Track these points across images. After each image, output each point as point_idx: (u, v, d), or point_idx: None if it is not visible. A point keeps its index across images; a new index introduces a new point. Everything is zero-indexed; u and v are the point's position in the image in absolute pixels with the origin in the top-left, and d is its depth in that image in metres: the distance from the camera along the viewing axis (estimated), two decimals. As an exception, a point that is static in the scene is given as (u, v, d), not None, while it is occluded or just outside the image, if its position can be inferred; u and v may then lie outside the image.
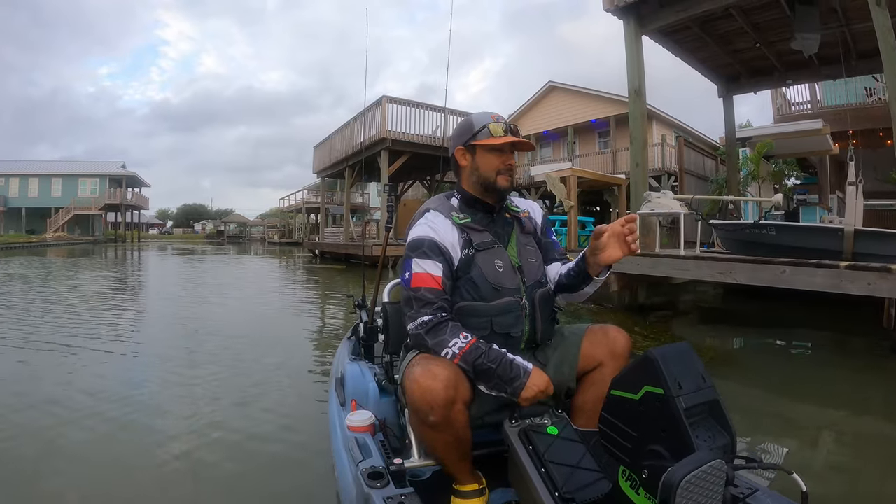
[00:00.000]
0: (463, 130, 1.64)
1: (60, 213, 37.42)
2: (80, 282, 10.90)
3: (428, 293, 1.47)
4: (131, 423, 2.82)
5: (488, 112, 1.64)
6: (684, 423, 1.05)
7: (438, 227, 1.55)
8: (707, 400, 1.13)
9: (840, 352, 4.90)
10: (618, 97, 18.06)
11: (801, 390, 3.71)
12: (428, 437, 1.42)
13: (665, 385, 1.09)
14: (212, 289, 10.05)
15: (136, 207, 43.47)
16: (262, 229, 58.08)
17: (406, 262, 1.54)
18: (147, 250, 28.45)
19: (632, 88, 6.19)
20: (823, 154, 11.88)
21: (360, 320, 2.45)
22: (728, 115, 9.41)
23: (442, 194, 1.73)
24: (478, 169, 1.61)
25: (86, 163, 44.29)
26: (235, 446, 2.54)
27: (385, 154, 14.17)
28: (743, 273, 4.96)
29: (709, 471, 0.97)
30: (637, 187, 6.21)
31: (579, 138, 20.65)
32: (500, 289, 1.53)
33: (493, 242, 1.59)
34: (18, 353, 4.37)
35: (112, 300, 8.13)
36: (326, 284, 11.30)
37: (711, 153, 13.32)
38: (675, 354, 1.16)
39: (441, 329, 1.43)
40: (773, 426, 3.01)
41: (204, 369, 3.92)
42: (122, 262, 18.40)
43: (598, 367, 1.58)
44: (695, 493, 0.96)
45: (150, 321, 6.32)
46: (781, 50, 8.07)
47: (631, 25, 6.28)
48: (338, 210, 33.28)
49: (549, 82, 21.57)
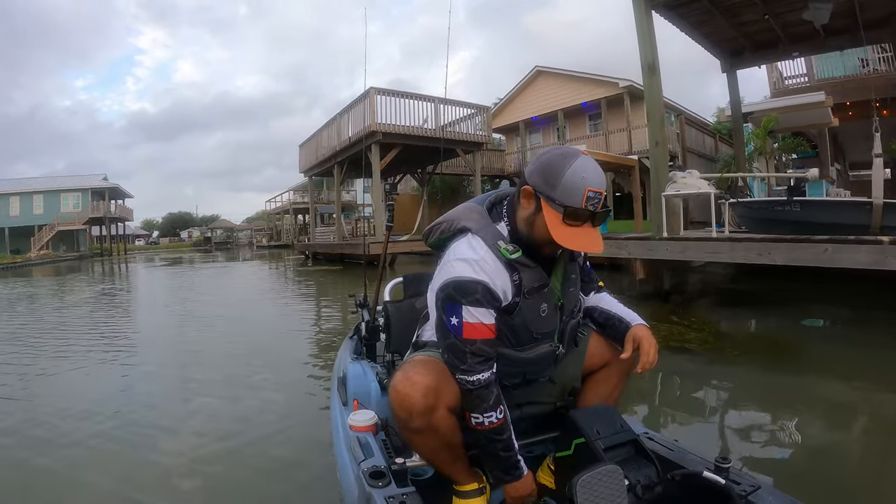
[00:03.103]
0: (547, 175, 1.30)
1: (44, 231, 36.42)
2: (68, 303, 10.45)
3: (484, 346, 1.34)
4: (132, 425, 2.87)
5: (589, 176, 1.27)
6: (601, 455, 1.27)
7: (489, 268, 1.34)
8: (626, 440, 1.35)
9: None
10: (609, 79, 17.78)
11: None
12: (413, 441, 1.41)
13: (585, 434, 1.33)
14: (207, 296, 9.77)
15: (121, 219, 42.51)
16: (250, 233, 57.45)
17: (452, 306, 1.34)
18: (134, 262, 27.86)
19: (645, 64, 5.89)
20: (823, 127, 11.74)
21: (362, 319, 2.44)
22: (733, 90, 9.19)
23: (481, 205, 1.48)
24: (533, 224, 1.35)
25: (67, 177, 43.16)
26: (237, 446, 2.56)
27: (376, 148, 13.70)
28: (782, 253, 4.73)
29: (604, 472, 1.17)
30: (658, 167, 5.92)
31: (569, 122, 20.32)
32: (538, 336, 1.42)
33: (544, 283, 1.41)
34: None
35: (104, 317, 7.75)
36: (326, 287, 10.94)
37: (710, 131, 13.12)
38: (592, 411, 1.42)
39: (490, 392, 1.36)
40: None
41: (204, 371, 4.01)
42: (109, 277, 17.86)
43: (605, 367, 1.58)
44: (593, 493, 1.14)
45: (146, 334, 5.99)
46: (788, 21, 7.86)
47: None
48: (326, 209, 32.87)
49: (536, 67, 21.18)
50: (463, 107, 15.50)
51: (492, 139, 18.59)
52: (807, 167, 12.78)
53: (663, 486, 1.28)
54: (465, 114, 15.58)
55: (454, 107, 15.24)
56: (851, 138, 13.54)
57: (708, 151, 12.03)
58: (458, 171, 19.40)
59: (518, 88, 22.09)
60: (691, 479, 1.28)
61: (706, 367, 3.74)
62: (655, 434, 1.58)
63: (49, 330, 6.46)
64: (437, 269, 1.46)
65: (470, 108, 15.66)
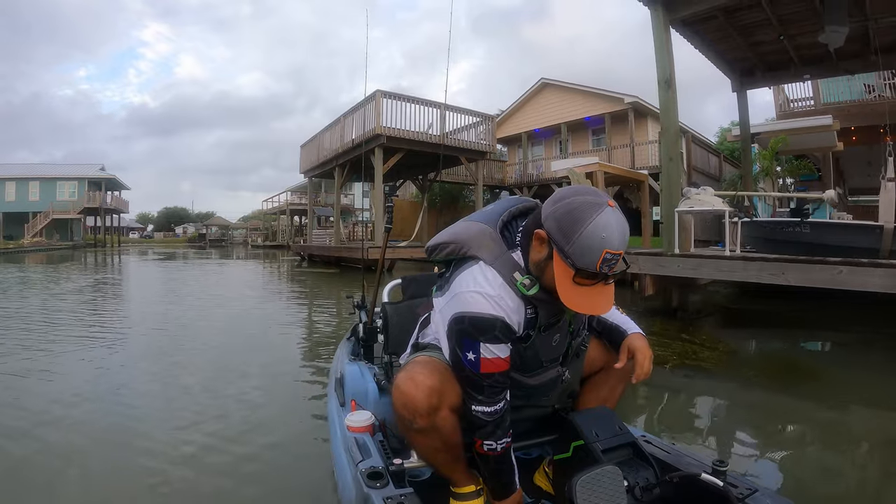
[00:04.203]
0: (564, 225, 1.18)
1: (38, 218, 36.15)
2: (58, 292, 10.27)
3: (500, 378, 1.33)
4: (124, 424, 2.82)
5: (611, 235, 1.15)
6: (600, 457, 1.29)
7: (507, 304, 1.29)
8: (625, 442, 1.37)
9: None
10: (615, 94, 17.84)
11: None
12: (415, 442, 1.40)
13: (583, 436, 1.35)
14: (201, 293, 9.60)
15: (116, 211, 42.23)
16: (245, 232, 57.18)
17: (469, 343, 1.30)
18: (127, 255, 27.59)
19: (661, 78, 5.84)
20: (828, 150, 11.77)
21: (360, 321, 2.45)
22: (742, 110, 9.18)
23: (494, 226, 1.38)
24: (543, 271, 1.27)
25: (64, 166, 42.94)
26: (235, 447, 2.52)
27: (379, 151, 13.56)
28: (796, 274, 4.65)
29: (603, 473, 1.18)
30: (671, 183, 5.85)
31: (571, 136, 20.34)
32: (547, 363, 1.43)
33: (559, 318, 1.39)
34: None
35: (95, 308, 7.59)
36: (323, 289, 10.79)
37: (715, 150, 13.13)
38: (591, 414, 1.44)
39: (505, 422, 1.37)
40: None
41: (204, 371, 3.95)
42: (103, 267, 17.63)
43: (604, 371, 1.59)
44: (592, 493, 1.15)
45: (135, 334, 5.79)
46: (801, 43, 7.87)
47: (659, 13, 5.94)
48: (323, 212, 32.72)
49: (541, 79, 21.24)
50: (468, 114, 15.46)
51: (496, 149, 18.56)
52: (808, 189, 12.87)
53: (661, 488, 1.30)
54: (469, 122, 15.55)
55: (459, 114, 15.20)
56: (853, 163, 13.61)
57: (713, 171, 12.03)
58: (459, 180, 19.34)
59: (522, 100, 22.13)
60: (689, 482, 1.28)
61: (725, 387, 3.62)
62: (653, 437, 1.59)
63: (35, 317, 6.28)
64: (445, 289, 1.40)
65: (475, 116, 15.62)
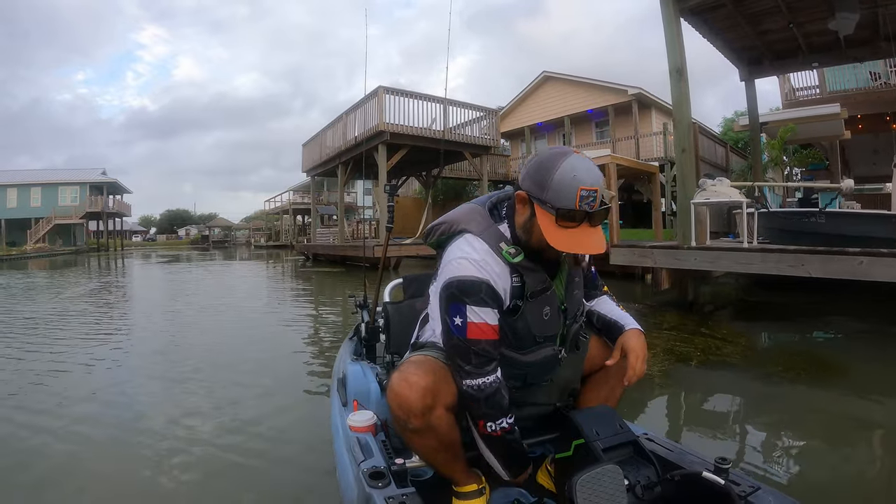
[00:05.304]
0: (536, 177, 1.27)
1: (41, 224, 36.06)
2: (64, 298, 10.23)
3: (489, 346, 1.32)
4: (125, 423, 2.82)
5: (581, 174, 1.22)
6: (600, 455, 1.29)
7: (492, 269, 1.32)
8: (626, 441, 1.37)
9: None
10: (618, 86, 17.72)
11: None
12: (412, 442, 1.40)
13: (584, 434, 1.35)
14: (205, 294, 9.60)
15: (119, 215, 42.17)
16: (248, 233, 57.20)
17: (456, 307, 1.32)
18: (131, 258, 27.58)
19: (673, 68, 5.76)
20: (835, 139, 11.70)
21: (362, 320, 2.45)
22: (751, 99, 9.08)
23: (483, 206, 1.45)
24: (531, 230, 1.32)
25: (65, 171, 42.77)
26: (236, 447, 2.53)
27: (383, 148, 13.50)
28: (815, 265, 4.58)
29: (603, 472, 1.17)
30: (684, 175, 5.77)
31: (575, 129, 20.21)
32: (541, 339, 1.41)
33: (547, 286, 1.38)
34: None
35: (105, 317, 7.55)
36: (327, 288, 10.74)
37: (721, 141, 13.04)
38: (592, 413, 1.44)
39: (499, 398, 1.35)
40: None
41: (206, 371, 3.96)
42: (106, 272, 17.60)
43: (604, 369, 1.57)
44: (592, 492, 1.14)
45: (141, 333, 5.77)
46: (810, 31, 7.78)
47: (669, 3, 5.86)
48: (326, 210, 32.66)
49: (543, 72, 21.11)
50: (471, 109, 15.35)
51: (500, 143, 18.46)
52: (815, 178, 12.78)
53: (662, 486, 1.29)
54: (473, 116, 15.45)
55: (462, 109, 15.09)
56: (858, 151, 13.52)
57: (720, 161, 11.94)
58: (463, 175, 19.26)
59: (524, 93, 21.99)
60: (690, 480, 1.27)
61: (752, 384, 3.51)
62: (655, 435, 1.58)
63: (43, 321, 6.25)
64: (438, 268, 1.43)
65: (478, 110, 15.52)
